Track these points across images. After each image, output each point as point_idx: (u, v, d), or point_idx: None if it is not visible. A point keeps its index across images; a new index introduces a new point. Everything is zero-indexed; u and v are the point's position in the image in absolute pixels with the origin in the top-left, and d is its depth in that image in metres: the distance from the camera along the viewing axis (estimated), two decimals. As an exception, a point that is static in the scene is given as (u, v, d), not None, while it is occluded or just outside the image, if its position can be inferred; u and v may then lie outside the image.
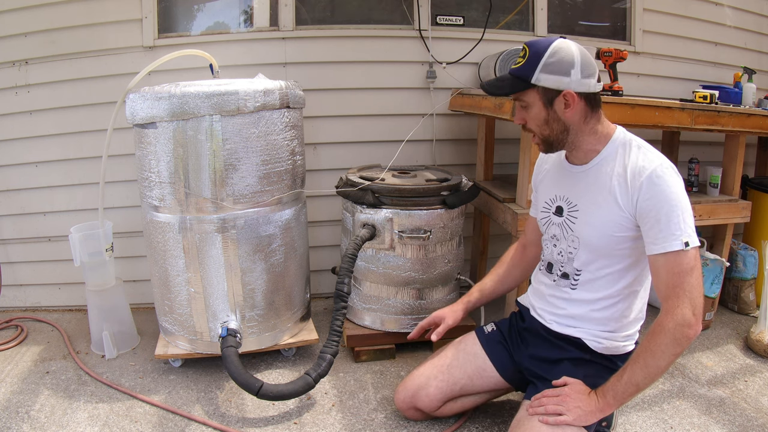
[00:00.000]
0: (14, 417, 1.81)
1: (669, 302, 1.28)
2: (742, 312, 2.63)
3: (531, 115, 1.41)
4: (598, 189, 1.42)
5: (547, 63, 1.33)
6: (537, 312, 1.63)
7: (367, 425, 1.77)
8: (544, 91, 1.36)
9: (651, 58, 2.92)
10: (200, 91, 1.80)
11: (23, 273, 2.68)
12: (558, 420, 1.36)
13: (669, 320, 1.26)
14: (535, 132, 1.43)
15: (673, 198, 1.29)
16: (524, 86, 1.37)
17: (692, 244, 1.27)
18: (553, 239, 1.56)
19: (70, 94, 2.49)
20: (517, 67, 1.38)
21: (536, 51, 1.34)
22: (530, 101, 1.39)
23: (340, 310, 1.87)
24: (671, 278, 1.28)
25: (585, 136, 1.42)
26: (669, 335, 1.26)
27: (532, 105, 1.39)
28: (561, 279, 1.55)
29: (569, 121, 1.39)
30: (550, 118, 1.39)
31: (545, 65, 1.33)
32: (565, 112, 1.37)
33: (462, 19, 2.72)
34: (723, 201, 2.34)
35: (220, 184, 1.89)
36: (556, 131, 1.41)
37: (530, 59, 1.35)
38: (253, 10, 2.63)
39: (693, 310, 1.25)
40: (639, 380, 1.31)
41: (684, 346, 1.27)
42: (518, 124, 1.46)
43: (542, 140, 1.44)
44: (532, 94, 1.38)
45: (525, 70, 1.36)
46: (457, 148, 2.82)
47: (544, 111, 1.38)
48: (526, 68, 1.35)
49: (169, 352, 2.07)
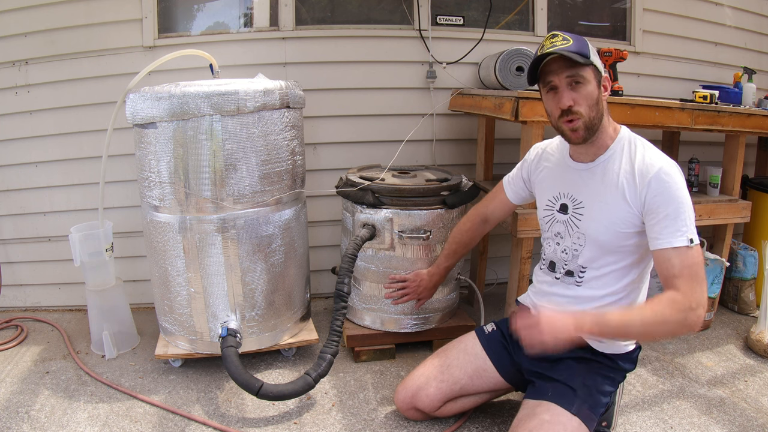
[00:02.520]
0: (14, 417, 1.80)
1: (681, 282, 1.28)
2: (742, 312, 2.63)
3: (584, 93, 1.37)
4: (605, 186, 1.43)
5: (592, 48, 1.37)
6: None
7: (367, 425, 1.77)
8: (596, 71, 1.38)
9: (651, 58, 2.92)
10: (200, 91, 1.80)
11: (23, 273, 2.68)
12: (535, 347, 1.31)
13: (685, 301, 1.26)
14: (584, 114, 1.38)
15: (680, 196, 1.32)
16: (588, 62, 1.35)
17: (695, 241, 1.31)
18: (556, 237, 1.57)
19: (70, 94, 2.49)
20: (570, 45, 1.34)
21: (577, 36, 1.37)
22: (588, 78, 1.37)
23: (340, 310, 1.87)
24: (680, 270, 1.29)
25: (604, 129, 1.44)
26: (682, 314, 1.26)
27: (589, 82, 1.37)
28: (565, 276, 1.55)
29: (604, 105, 1.42)
30: (599, 99, 1.40)
31: (593, 48, 1.37)
32: (603, 96, 1.40)
33: (462, 19, 2.72)
34: (723, 201, 2.34)
35: (220, 184, 1.89)
36: (599, 115, 1.40)
37: (580, 40, 1.36)
38: (253, 10, 2.64)
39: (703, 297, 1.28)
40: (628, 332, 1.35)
41: (686, 330, 1.28)
42: (565, 106, 1.37)
43: (587, 124, 1.39)
44: (589, 71, 1.37)
45: (583, 48, 1.35)
46: (457, 148, 2.82)
47: (597, 91, 1.39)
48: (582, 46, 1.35)
49: (169, 352, 2.07)
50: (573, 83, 1.37)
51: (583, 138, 1.41)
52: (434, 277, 1.97)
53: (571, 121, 1.39)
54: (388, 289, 2.02)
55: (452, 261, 1.95)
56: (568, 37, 1.36)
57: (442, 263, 1.95)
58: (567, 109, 1.38)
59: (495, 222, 1.87)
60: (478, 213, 1.86)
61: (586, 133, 1.41)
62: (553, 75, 1.38)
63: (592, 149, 1.47)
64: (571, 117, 1.38)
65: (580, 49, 1.35)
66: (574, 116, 1.38)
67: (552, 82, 1.39)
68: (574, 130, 1.40)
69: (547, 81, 1.40)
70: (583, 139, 1.42)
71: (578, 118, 1.38)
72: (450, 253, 1.93)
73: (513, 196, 1.77)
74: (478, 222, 1.86)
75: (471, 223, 1.88)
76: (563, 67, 1.36)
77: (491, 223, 1.87)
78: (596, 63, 1.38)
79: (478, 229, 1.88)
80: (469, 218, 1.88)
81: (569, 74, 1.36)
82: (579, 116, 1.38)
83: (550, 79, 1.39)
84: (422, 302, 2.04)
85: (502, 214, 1.85)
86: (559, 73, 1.37)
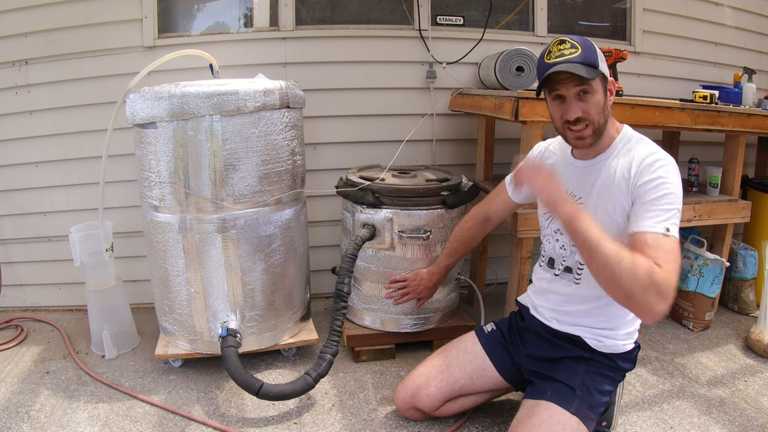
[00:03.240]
0: (14, 417, 1.81)
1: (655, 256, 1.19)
2: (742, 312, 2.63)
3: (592, 103, 1.38)
4: (603, 182, 1.44)
5: (599, 52, 1.38)
6: (537, 310, 1.63)
7: (367, 425, 1.77)
8: (603, 78, 1.39)
9: (651, 58, 2.92)
10: (200, 91, 1.80)
11: (23, 273, 2.68)
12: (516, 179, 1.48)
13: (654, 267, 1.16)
14: (594, 120, 1.39)
15: (670, 187, 1.30)
16: (596, 73, 1.36)
17: (672, 232, 1.24)
18: (555, 233, 1.58)
19: (70, 94, 2.49)
20: (578, 55, 1.34)
21: (584, 41, 1.37)
22: (596, 88, 1.38)
23: (340, 310, 1.87)
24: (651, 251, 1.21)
25: (608, 129, 1.45)
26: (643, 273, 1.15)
27: (597, 92, 1.38)
28: (564, 273, 1.55)
29: (610, 109, 1.43)
30: (606, 105, 1.41)
31: (600, 54, 1.38)
32: (609, 100, 1.42)
33: (462, 19, 2.72)
34: (723, 201, 2.34)
35: (220, 184, 1.89)
36: (605, 119, 1.42)
37: (588, 48, 1.36)
38: (253, 10, 2.64)
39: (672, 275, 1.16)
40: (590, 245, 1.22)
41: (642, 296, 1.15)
42: (576, 116, 1.38)
43: (596, 130, 1.40)
44: (597, 81, 1.38)
45: (592, 58, 1.36)
46: (457, 148, 2.82)
47: (603, 98, 1.40)
48: (591, 56, 1.36)
49: (169, 352, 2.07)
50: (581, 93, 1.38)
51: (589, 144, 1.43)
52: (434, 277, 1.98)
53: (579, 130, 1.40)
54: (389, 289, 2.02)
55: (453, 260, 1.95)
56: (577, 43, 1.35)
57: (443, 262, 1.96)
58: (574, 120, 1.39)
59: (497, 221, 1.87)
60: (480, 212, 1.87)
61: (593, 139, 1.42)
62: (561, 86, 1.38)
63: (594, 149, 1.48)
64: (579, 126, 1.40)
65: (588, 58, 1.35)
66: (582, 124, 1.39)
67: (559, 91, 1.40)
68: (581, 138, 1.42)
69: (554, 89, 1.41)
70: (589, 146, 1.44)
71: (587, 126, 1.40)
72: (451, 252, 1.94)
73: (515, 195, 1.78)
74: (480, 221, 1.87)
75: (473, 221, 1.88)
76: (573, 79, 1.36)
77: (493, 222, 1.87)
78: (603, 70, 1.38)
79: (480, 227, 1.88)
80: (471, 217, 1.89)
81: (578, 86, 1.37)
82: (588, 122, 1.39)
83: (558, 88, 1.40)
84: (422, 302, 2.04)
85: (504, 213, 1.85)
86: (568, 85, 1.37)
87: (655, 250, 1.21)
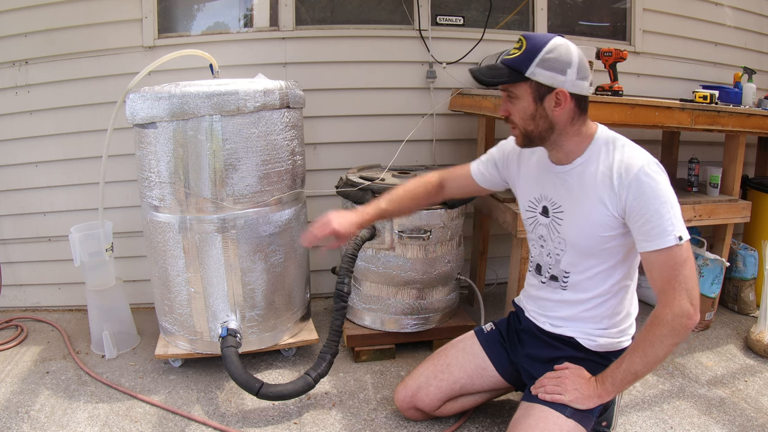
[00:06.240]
0: (14, 417, 1.81)
1: (666, 294, 1.29)
2: (742, 312, 2.63)
3: (517, 108, 1.37)
4: (581, 190, 1.41)
5: (545, 58, 1.30)
6: (530, 314, 1.63)
7: (367, 425, 1.77)
8: (537, 86, 1.33)
9: (651, 58, 2.92)
10: (200, 91, 1.80)
11: (23, 273, 2.68)
12: (555, 398, 1.40)
13: (667, 312, 1.28)
14: (518, 125, 1.40)
15: (661, 195, 1.28)
16: (518, 78, 1.33)
17: (685, 237, 1.28)
18: (540, 240, 1.55)
19: (70, 94, 2.49)
20: (512, 58, 1.34)
21: (534, 44, 1.32)
22: (520, 94, 1.36)
23: (340, 310, 1.87)
24: (666, 272, 1.29)
25: (568, 137, 1.40)
26: (667, 326, 1.28)
27: (521, 98, 1.36)
28: (550, 281, 1.54)
29: (556, 120, 1.36)
30: (538, 114, 1.36)
31: (542, 60, 1.30)
32: (554, 110, 1.35)
33: (462, 19, 2.72)
34: (723, 201, 2.34)
35: (220, 184, 1.89)
36: (540, 128, 1.38)
37: (527, 52, 1.32)
38: (253, 10, 2.64)
39: (690, 300, 1.27)
40: (638, 369, 1.33)
41: (682, 337, 1.29)
42: (502, 115, 1.42)
43: (523, 134, 1.41)
44: (523, 87, 1.35)
45: (520, 62, 1.32)
46: (457, 148, 2.82)
47: (533, 106, 1.35)
48: (521, 60, 1.32)
49: (169, 352, 2.07)
50: (507, 96, 1.39)
51: (522, 144, 1.45)
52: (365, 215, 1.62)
53: (511, 128, 1.44)
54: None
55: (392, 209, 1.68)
56: (525, 44, 1.33)
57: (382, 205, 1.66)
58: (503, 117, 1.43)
59: (449, 193, 1.74)
60: (439, 175, 1.74)
61: (526, 142, 1.43)
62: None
63: (560, 154, 1.44)
64: (510, 124, 1.43)
65: (518, 63, 1.32)
66: (511, 124, 1.43)
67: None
68: (515, 136, 1.45)
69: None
70: (522, 145, 1.45)
71: (514, 127, 1.42)
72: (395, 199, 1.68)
73: (477, 174, 1.70)
74: (436, 183, 1.72)
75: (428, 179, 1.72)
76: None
77: (445, 192, 1.74)
78: (538, 78, 1.31)
79: (432, 191, 1.72)
80: (430, 176, 1.73)
81: (503, 87, 1.39)
82: (514, 125, 1.42)
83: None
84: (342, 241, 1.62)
85: (459, 187, 1.74)
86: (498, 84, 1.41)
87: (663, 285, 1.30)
